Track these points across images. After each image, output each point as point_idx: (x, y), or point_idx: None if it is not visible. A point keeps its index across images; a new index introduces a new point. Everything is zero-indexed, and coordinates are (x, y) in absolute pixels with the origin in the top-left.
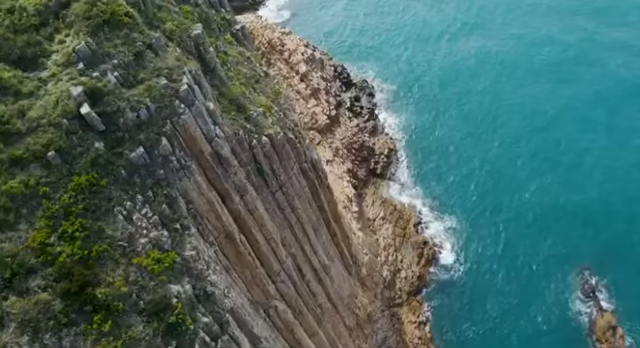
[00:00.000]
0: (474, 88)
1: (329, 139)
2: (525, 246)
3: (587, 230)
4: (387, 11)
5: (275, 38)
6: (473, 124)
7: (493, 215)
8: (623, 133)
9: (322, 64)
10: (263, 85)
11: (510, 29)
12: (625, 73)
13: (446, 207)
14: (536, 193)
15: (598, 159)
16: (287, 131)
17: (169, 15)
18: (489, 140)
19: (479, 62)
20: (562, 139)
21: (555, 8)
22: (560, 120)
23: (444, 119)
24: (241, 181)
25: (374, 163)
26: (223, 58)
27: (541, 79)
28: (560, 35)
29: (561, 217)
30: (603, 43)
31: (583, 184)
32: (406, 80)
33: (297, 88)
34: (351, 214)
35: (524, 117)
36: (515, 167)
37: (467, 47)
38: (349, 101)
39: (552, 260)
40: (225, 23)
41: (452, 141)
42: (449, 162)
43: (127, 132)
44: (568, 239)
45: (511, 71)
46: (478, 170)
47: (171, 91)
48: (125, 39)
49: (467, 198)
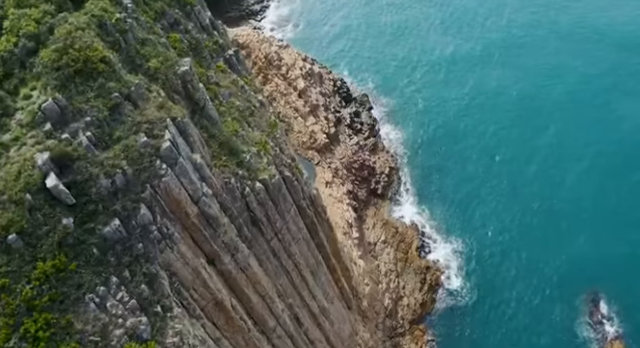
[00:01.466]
0: (478, 102)
1: (328, 159)
2: (532, 269)
3: (596, 252)
4: (390, 22)
5: (272, 52)
6: (477, 140)
7: (499, 236)
8: (636, 157)
9: (321, 78)
10: (258, 117)
11: (521, 46)
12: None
13: (450, 228)
14: (543, 213)
15: (607, 180)
16: (284, 169)
17: (154, 50)
18: (493, 157)
19: (484, 76)
20: (569, 158)
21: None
22: (566, 138)
23: (447, 134)
24: (232, 240)
25: (375, 183)
26: (214, 91)
27: (551, 98)
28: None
29: (568, 238)
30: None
31: (591, 205)
32: (407, 93)
33: (295, 105)
34: (351, 241)
35: (531, 133)
36: (521, 186)
37: (471, 62)
38: (349, 117)
39: (560, 284)
40: (217, 48)
41: (455, 157)
42: (452, 180)
43: (100, 202)
44: (576, 261)
45: (517, 84)
46: (482, 188)
47: (151, 150)
48: (100, 91)
49: (471, 218)
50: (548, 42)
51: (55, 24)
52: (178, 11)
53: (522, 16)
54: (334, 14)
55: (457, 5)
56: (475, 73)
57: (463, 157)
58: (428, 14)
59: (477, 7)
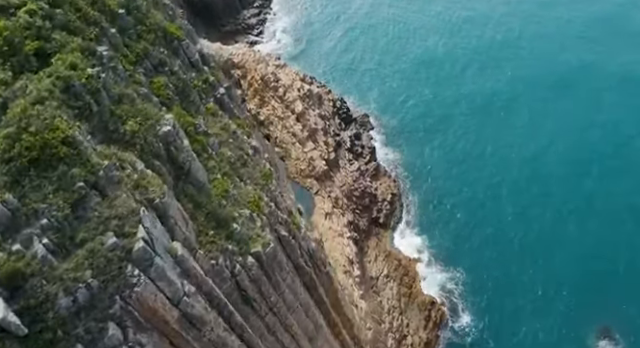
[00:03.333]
0: (484, 125)
1: (328, 187)
2: (540, 301)
3: (607, 285)
4: (393, 36)
5: (269, 73)
6: (482, 164)
7: (505, 266)
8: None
9: (320, 99)
10: (251, 168)
11: (528, 63)
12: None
13: (455, 259)
14: (550, 241)
15: (617, 208)
16: (280, 228)
17: (132, 107)
18: (500, 182)
19: (489, 97)
20: (580, 187)
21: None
22: (570, 159)
23: (450, 156)
24: (219, 336)
25: (377, 211)
26: (203, 143)
27: (556, 117)
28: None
29: (580, 270)
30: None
31: (600, 234)
32: (410, 113)
33: (293, 130)
34: (353, 279)
35: (536, 154)
36: (526, 210)
37: (476, 80)
38: (349, 141)
39: (572, 319)
40: (207, 87)
41: (460, 182)
42: (456, 205)
43: (59, 328)
44: (587, 295)
45: (523, 107)
46: (490, 217)
47: (121, 253)
48: (60, 182)
49: (478, 249)
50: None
51: (9, 98)
52: (163, 50)
53: (521, 28)
54: (334, 27)
55: (463, 19)
56: (482, 93)
57: (467, 181)
58: (434, 29)
59: (484, 22)
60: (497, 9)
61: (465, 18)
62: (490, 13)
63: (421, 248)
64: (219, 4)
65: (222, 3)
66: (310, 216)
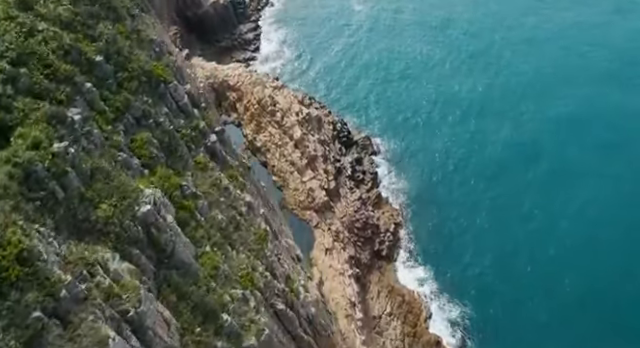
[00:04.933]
0: (494, 148)
1: (328, 220)
2: (557, 341)
3: (625, 319)
4: (397, 51)
5: (266, 97)
6: (490, 190)
7: (518, 301)
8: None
9: (319, 123)
10: (245, 230)
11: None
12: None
13: (462, 292)
14: (570, 275)
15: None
16: (276, 302)
17: (106, 184)
18: (509, 209)
19: (498, 118)
20: (595, 213)
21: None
22: (580, 188)
23: (456, 182)
24: None
25: (379, 243)
26: (190, 209)
27: (563, 144)
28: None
29: (597, 302)
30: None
31: (624, 264)
32: (414, 136)
33: (291, 158)
34: (354, 324)
35: (549, 184)
36: (542, 243)
37: (486, 101)
38: (350, 167)
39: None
40: (197, 135)
41: (466, 209)
42: (464, 235)
43: None
44: (605, 330)
45: (531, 129)
46: (499, 245)
47: None
48: (12, 315)
49: (487, 280)
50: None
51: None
52: (147, 98)
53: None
54: (334, 42)
55: (472, 34)
56: (490, 115)
57: (474, 207)
58: (440, 44)
59: (496, 41)
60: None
61: (473, 32)
62: (498, 26)
63: (426, 280)
64: (214, 19)
65: (217, 18)
66: (309, 251)
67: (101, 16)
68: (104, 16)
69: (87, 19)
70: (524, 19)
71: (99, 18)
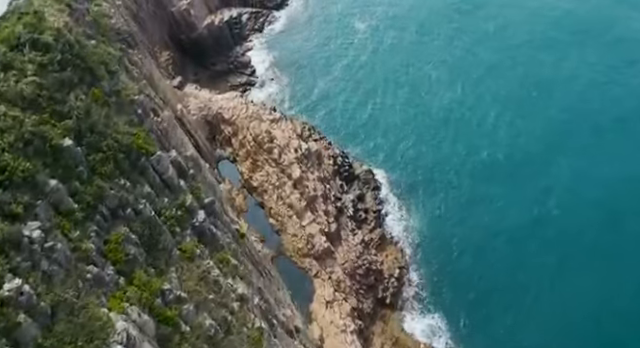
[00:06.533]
0: (505, 183)
1: (328, 267)
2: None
3: None
4: (401, 76)
5: (263, 132)
6: (502, 228)
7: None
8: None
9: (319, 158)
10: (236, 334)
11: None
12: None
13: (473, 344)
14: (596, 316)
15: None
16: None
17: (70, 323)
18: (524, 247)
19: (513, 148)
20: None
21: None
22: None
23: (466, 218)
24: None
25: (382, 291)
26: (173, 320)
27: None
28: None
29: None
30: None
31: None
32: (420, 168)
33: (290, 200)
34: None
35: (565, 223)
36: (559, 287)
37: (498, 133)
38: (351, 206)
39: None
40: (184, 214)
41: (477, 249)
42: (475, 278)
43: None
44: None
45: (540, 165)
46: (515, 288)
47: None
48: None
49: (500, 330)
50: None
51: None
52: (124, 181)
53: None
54: (334, 63)
55: (482, 56)
56: (504, 145)
57: (485, 247)
58: (449, 67)
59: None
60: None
61: (483, 54)
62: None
63: (435, 330)
64: (209, 41)
65: (212, 40)
66: (309, 303)
67: (74, 82)
68: (77, 81)
69: (55, 92)
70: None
71: (71, 86)
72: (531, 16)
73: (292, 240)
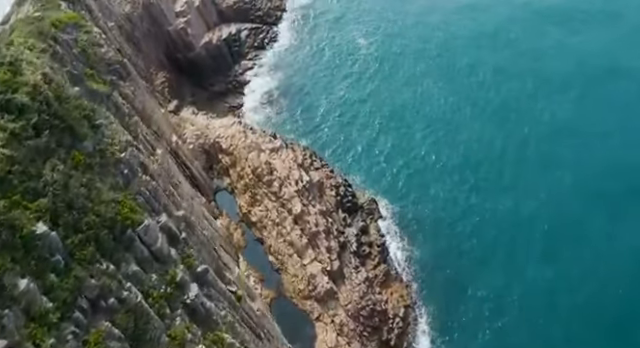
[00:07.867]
0: (517, 212)
1: (331, 310)
2: None
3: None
4: (405, 96)
5: (262, 164)
6: (511, 259)
7: None
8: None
9: (321, 190)
10: None
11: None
12: None
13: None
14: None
15: None
16: None
17: None
18: (534, 276)
19: (523, 178)
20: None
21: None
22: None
23: (473, 250)
24: None
25: (387, 332)
26: None
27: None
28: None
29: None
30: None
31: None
32: (425, 194)
33: (290, 237)
34: None
35: (578, 256)
36: (573, 324)
37: (506, 159)
38: (355, 240)
39: None
40: (174, 290)
41: (482, 283)
42: (486, 314)
43: None
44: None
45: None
46: (528, 323)
47: None
48: None
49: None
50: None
51: None
52: (107, 263)
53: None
54: (337, 84)
55: (488, 78)
56: (514, 174)
57: (496, 280)
58: (456, 89)
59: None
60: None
61: (488, 75)
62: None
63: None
64: (206, 60)
65: (210, 60)
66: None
67: (50, 148)
68: (55, 145)
69: (29, 164)
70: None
71: (47, 153)
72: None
73: (292, 280)
